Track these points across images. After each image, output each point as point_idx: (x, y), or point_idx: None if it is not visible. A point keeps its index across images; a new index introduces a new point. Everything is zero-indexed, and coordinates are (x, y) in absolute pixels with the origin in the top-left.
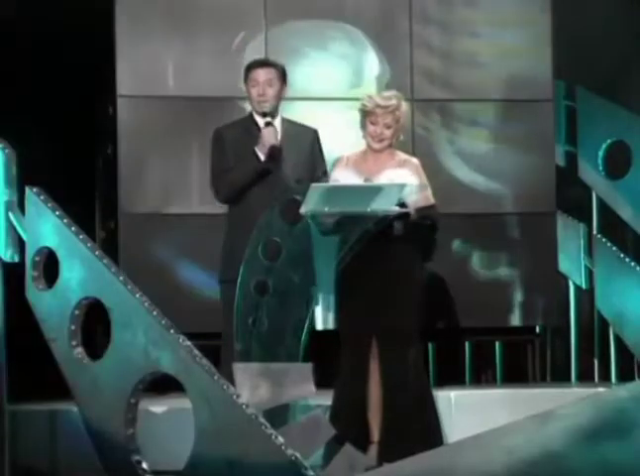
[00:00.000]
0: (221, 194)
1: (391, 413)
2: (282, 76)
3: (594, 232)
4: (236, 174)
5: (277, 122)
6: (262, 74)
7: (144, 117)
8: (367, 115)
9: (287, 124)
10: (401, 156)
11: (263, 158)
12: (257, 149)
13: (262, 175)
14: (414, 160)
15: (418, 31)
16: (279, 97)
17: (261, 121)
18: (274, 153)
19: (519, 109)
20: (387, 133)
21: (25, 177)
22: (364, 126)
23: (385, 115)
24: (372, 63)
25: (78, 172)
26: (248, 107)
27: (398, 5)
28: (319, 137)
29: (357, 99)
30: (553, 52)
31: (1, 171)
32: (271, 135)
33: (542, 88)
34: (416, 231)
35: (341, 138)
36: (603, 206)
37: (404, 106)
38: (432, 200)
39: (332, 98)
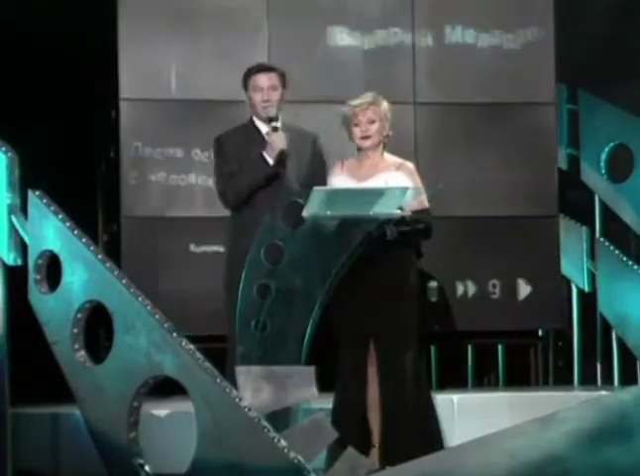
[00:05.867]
0: (229, 201)
1: (389, 415)
2: (284, 81)
3: (597, 235)
4: (244, 179)
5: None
6: (265, 80)
7: (146, 120)
8: (350, 121)
9: (287, 129)
10: (396, 160)
11: (271, 162)
12: (265, 153)
13: (270, 179)
14: (409, 164)
15: (420, 32)
16: (282, 102)
17: (262, 127)
18: (283, 157)
19: (521, 112)
20: (372, 128)
21: (27, 180)
22: (351, 135)
23: (364, 111)
24: (373, 65)
25: (81, 175)
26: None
27: (400, 6)
28: (319, 141)
29: None
30: (555, 54)
31: (3, 174)
32: (281, 139)
33: (544, 91)
34: (410, 234)
35: (342, 140)
36: (606, 209)
37: (385, 104)
38: (426, 204)
39: (333, 101)
